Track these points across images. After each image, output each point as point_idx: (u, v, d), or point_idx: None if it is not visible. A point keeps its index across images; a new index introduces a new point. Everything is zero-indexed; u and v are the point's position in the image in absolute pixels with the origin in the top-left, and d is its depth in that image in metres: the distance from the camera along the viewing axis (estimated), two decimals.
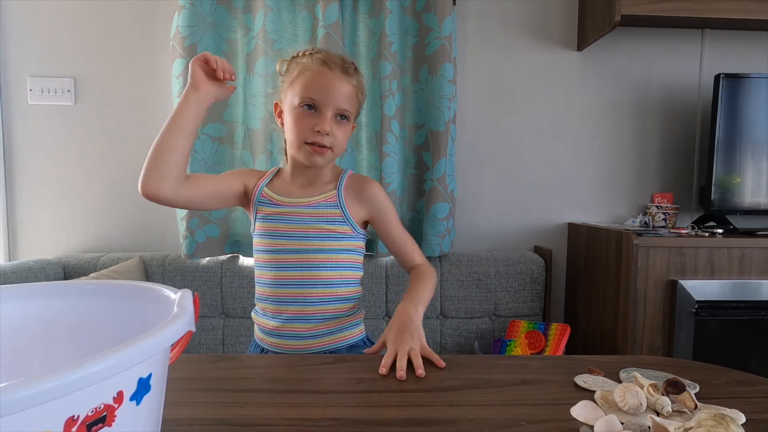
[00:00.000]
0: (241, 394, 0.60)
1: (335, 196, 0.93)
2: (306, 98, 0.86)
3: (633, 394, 0.53)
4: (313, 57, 0.89)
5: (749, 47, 1.79)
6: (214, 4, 1.61)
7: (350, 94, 0.88)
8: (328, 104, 0.86)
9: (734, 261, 1.41)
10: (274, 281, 0.92)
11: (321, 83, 0.85)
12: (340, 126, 0.88)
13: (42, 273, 1.51)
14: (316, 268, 0.91)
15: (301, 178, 0.94)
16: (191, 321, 0.38)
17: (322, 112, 0.86)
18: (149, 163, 0.79)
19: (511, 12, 1.78)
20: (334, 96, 0.86)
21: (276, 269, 0.92)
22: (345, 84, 0.87)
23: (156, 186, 0.79)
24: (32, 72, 1.72)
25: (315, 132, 0.85)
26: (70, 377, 0.26)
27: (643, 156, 1.84)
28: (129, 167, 1.76)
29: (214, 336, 1.62)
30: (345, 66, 0.88)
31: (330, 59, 0.87)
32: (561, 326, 1.53)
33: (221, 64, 0.81)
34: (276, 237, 0.92)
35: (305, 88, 0.86)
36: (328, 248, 0.91)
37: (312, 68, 0.87)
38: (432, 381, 0.65)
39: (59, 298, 0.49)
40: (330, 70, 0.86)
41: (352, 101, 0.89)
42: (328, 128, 0.85)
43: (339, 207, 0.92)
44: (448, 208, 1.65)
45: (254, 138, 1.65)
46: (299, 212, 0.91)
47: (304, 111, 0.86)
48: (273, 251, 0.92)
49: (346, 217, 0.92)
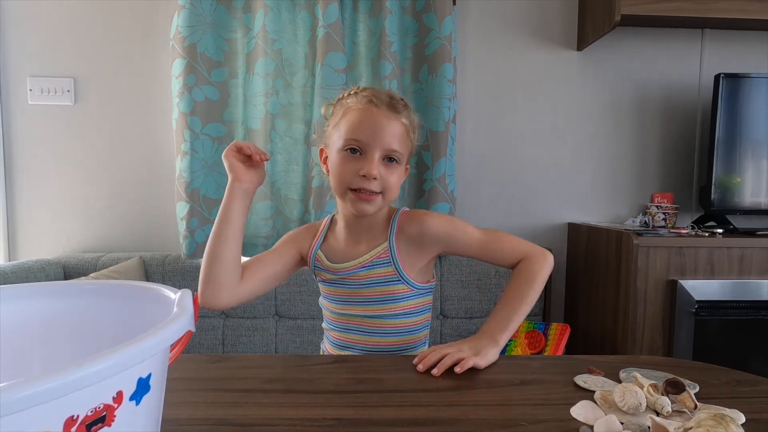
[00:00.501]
0: (241, 394, 0.60)
1: (387, 251, 0.84)
2: (350, 140, 0.77)
3: (633, 394, 0.53)
4: (358, 96, 0.81)
5: (749, 47, 1.79)
6: (214, 4, 1.61)
7: (400, 133, 0.79)
8: (375, 145, 0.77)
9: (734, 261, 1.41)
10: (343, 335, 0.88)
11: (366, 123, 0.77)
12: (389, 169, 0.79)
13: (42, 273, 1.51)
14: (382, 331, 0.85)
15: (353, 231, 0.86)
16: (191, 321, 0.38)
17: (369, 155, 0.77)
18: (204, 276, 0.77)
19: (511, 12, 1.78)
20: (381, 136, 0.77)
21: (343, 330, 0.88)
22: (393, 122, 0.78)
23: (214, 299, 0.77)
24: (32, 72, 1.72)
25: (360, 177, 0.76)
26: (70, 377, 0.26)
27: (643, 156, 1.84)
28: (129, 167, 1.76)
29: (214, 336, 1.62)
30: (393, 102, 0.80)
31: (376, 96, 0.80)
32: (561, 326, 1.53)
33: (253, 147, 0.78)
34: (338, 302, 0.88)
35: (349, 130, 0.78)
36: (390, 313, 0.84)
37: (356, 107, 0.79)
38: (432, 381, 0.65)
39: (59, 298, 0.49)
40: (376, 107, 0.78)
41: (402, 141, 0.80)
42: (375, 172, 0.76)
43: (392, 264, 0.83)
44: (448, 208, 1.65)
45: (254, 138, 1.65)
46: (355, 276, 0.84)
47: (348, 155, 0.78)
48: (338, 313, 0.88)
49: (401, 275, 0.84)
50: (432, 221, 0.85)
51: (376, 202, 0.79)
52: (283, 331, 1.63)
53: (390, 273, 0.83)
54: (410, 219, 0.86)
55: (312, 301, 1.62)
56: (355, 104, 0.80)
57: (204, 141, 1.63)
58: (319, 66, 1.58)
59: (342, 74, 1.59)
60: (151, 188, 1.77)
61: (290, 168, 1.69)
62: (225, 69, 1.66)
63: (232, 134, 1.68)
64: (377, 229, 0.85)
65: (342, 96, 0.84)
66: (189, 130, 1.59)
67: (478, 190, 1.82)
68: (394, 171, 0.79)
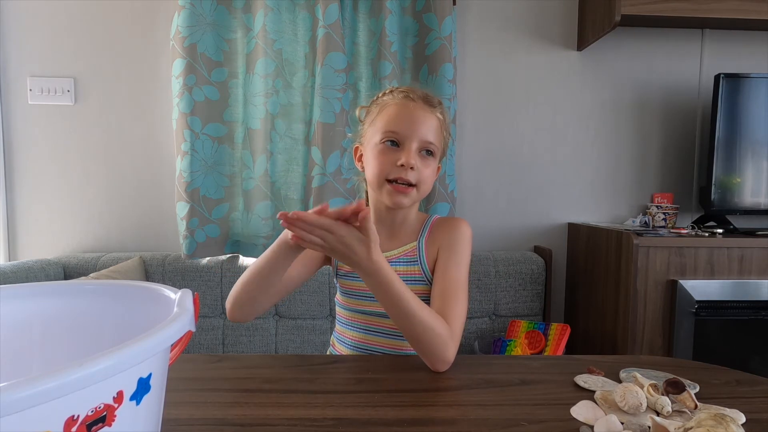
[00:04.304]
0: (241, 394, 0.60)
1: (416, 249, 0.84)
2: (388, 132, 0.79)
3: (633, 394, 0.53)
4: (394, 93, 0.84)
5: (749, 47, 1.79)
6: (214, 4, 1.61)
7: (435, 126, 0.81)
8: (413, 136, 0.79)
9: (734, 261, 1.41)
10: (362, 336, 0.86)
11: (404, 115, 0.79)
12: (425, 161, 0.80)
13: (42, 273, 1.51)
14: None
15: (384, 225, 0.85)
16: (191, 321, 0.38)
17: (406, 146, 0.79)
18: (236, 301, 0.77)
19: (511, 12, 1.78)
20: (418, 127, 0.79)
21: (363, 332, 0.86)
22: (429, 115, 0.81)
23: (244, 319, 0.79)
24: (32, 72, 1.72)
25: (398, 167, 0.78)
26: (70, 377, 0.26)
27: (643, 156, 1.84)
28: (129, 167, 1.76)
29: (214, 336, 1.62)
30: (428, 98, 0.83)
31: (412, 92, 0.82)
32: (561, 326, 1.53)
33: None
34: (359, 297, 0.86)
35: (387, 123, 0.80)
36: None
37: (393, 102, 0.82)
38: (432, 381, 0.65)
39: (59, 298, 0.49)
40: (413, 101, 0.81)
41: (437, 135, 0.81)
42: (413, 161, 0.77)
43: (418, 263, 0.83)
44: (448, 208, 1.65)
45: (254, 138, 1.65)
46: None
47: (386, 147, 0.79)
48: (357, 311, 0.86)
49: (426, 276, 0.83)
50: (458, 223, 0.86)
51: (411, 194, 0.79)
52: (283, 331, 1.63)
53: (415, 272, 0.84)
54: (443, 221, 0.87)
55: (312, 301, 1.62)
56: (392, 100, 0.82)
57: (204, 141, 1.63)
58: (319, 66, 1.58)
59: (342, 74, 1.60)
60: (151, 188, 1.77)
61: (290, 168, 1.69)
62: (225, 69, 1.66)
63: (232, 134, 1.68)
64: (409, 227, 0.87)
65: (377, 97, 0.87)
66: (189, 130, 1.59)
67: (478, 190, 1.82)
68: (429, 164, 0.81)
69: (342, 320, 0.91)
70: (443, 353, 0.68)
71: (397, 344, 0.85)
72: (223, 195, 1.68)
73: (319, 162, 1.61)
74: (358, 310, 0.87)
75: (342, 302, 0.90)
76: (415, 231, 0.87)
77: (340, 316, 0.91)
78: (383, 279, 0.68)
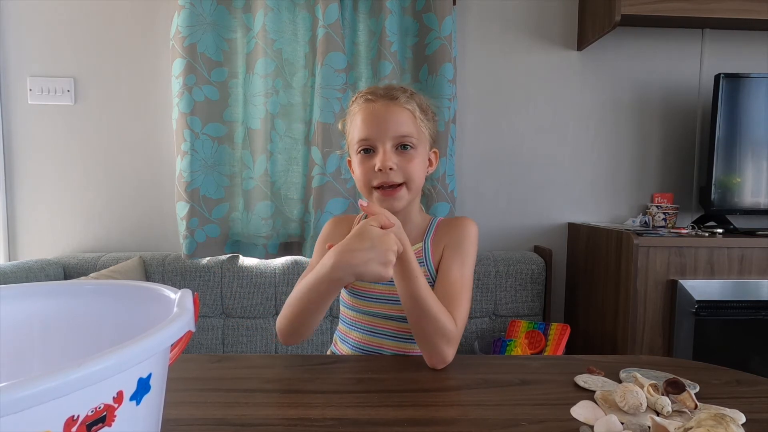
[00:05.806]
0: (241, 394, 0.60)
1: (421, 250, 0.84)
2: (360, 141, 0.79)
3: (633, 394, 0.53)
4: (357, 100, 0.83)
5: (749, 47, 1.79)
6: (214, 4, 1.61)
7: (405, 117, 0.79)
8: (382, 137, 0.77)
9: (734, 261, 1.41)
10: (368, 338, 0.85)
11: (368, 119, 0.78)
12: (405, 156, 0.78)
13: (42, 273, 1.51)
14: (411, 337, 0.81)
15: None
16: (191, 321, 0.38)
17: (379, 149, 0.78)
18: (291, 334, 0.75)
19: (511, 12, 1.78)
20: (385, 126, 0.77)
21: (370, 334, 0.85)
22: (394, 109, 0.78)
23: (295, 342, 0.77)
24: (32, 72, 1.72)
25: (377, 172, 0.77)
26: (70, 377, 0.26)
27: (643, 156, 1.84)
28: (129, 167, 1.76)
29: (214, 336, 1.62)
30: (390, 92, 0.80)
31: (372, 92, 0.81)
32: (561, 326, 1.53)
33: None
34: (365, 298, 0.85)
35: (357, 132, 0.79)
36: None
37: (357, 110, 0.81)
38: (432, 381, 0.65)
39: (59, 298, 0.49)
40: (373, 102, 0.79)
41: (410, 124, 0.79)
42: (389, 162, 0.76)
43: (425, 265, 0.83)
44: (448, 208, 1.65)
45: (254, 138, 1.65)
46: None
47: (362, 156, 0.79)
48: (363, 312, 0.86)
49: (432, 275, 0.82)
50: (466, 222, 0.86)
51: (400, 194, 0.79)
52: None
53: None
54: (448, 221, 0.87)
55: None
56: (357, 108, 0.82)
57: (204, 141, 1.63)
58: (319, 66, 1.58)
59: (342, 74, 1.60)
60: (151, 188, 1.77)
61: (290, 168, 1.69)
62: (225, 69, 1.66)
63: (232, 134, 1.68)
64: (414, 228, 0.86)
65: (349, 107, 0.86)
66: (189, 129, 1.59)
67: (478, 190, 1.82)
68: (411, 158, 0.79)
69: (346, 320, 0.90)
70: (445, 352, 0.70)
71: (403, 347, 0.84)
72: (223, 195, 1.68)
73: (319, 162, 1.61)
74: (364, 311, 0.86)
75: (347, 301, 0.89)
76: (420, 232, 0.87)
77: (344, 315, 0.91)
78: (414, 267, 0.70)
